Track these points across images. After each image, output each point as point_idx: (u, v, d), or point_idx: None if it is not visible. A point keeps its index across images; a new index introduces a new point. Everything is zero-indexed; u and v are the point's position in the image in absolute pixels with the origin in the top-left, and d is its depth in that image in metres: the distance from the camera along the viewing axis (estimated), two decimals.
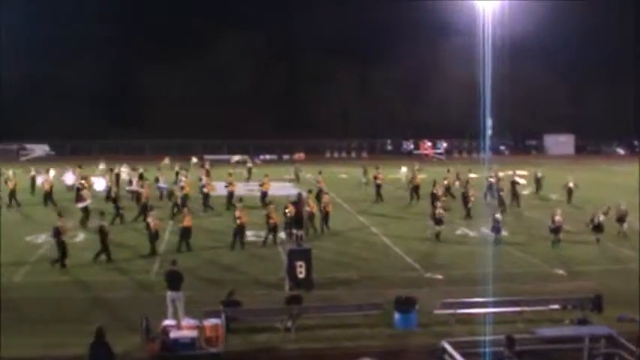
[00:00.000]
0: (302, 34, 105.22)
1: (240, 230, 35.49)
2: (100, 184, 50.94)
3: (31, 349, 21.30)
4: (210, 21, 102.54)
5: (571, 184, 50.38)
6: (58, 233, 31.11)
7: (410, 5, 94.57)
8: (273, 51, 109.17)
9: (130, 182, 49.02)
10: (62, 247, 31.08)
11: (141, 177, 52.07)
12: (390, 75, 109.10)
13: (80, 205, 41.39)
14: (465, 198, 44.97)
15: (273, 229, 36.21)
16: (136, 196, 45.11)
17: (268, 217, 36.17)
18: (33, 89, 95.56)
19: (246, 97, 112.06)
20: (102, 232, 32.26)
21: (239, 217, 35.54)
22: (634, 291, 26.93)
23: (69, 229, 32.66)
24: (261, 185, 48.43)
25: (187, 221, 35.20)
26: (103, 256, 32.05)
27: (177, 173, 52.14)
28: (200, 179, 49.01)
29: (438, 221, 37.36)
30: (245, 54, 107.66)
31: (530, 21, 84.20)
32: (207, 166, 59.76)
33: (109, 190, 49.34)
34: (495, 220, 36.21)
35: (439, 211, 37.65)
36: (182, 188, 45.07)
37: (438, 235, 37.28)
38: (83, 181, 47.90)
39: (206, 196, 46.05)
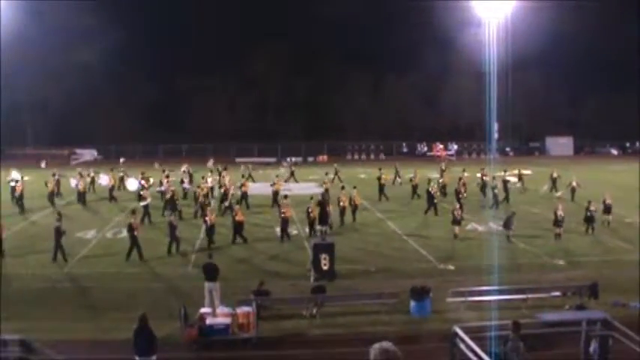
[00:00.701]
0: (324, 46, 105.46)
1: (284, 223, 35.89)
2: (132, 184, 50.94)
3: (85, 332, 21.59)
4: (242, 35, 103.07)
5: (574, 184, 49.86)
6: (131, 229, 31.54)
7: (423, 22, 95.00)
8: (298, 62, 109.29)
9: (161, 183, 48.91)
10: (134, 241, 31.45)
11: (191, 178, 53.16)
12: (405, 83, 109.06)
13: (142, 203, 41.71)
14: (458, 194, 45.49)
15: (312, 223, 36.45)
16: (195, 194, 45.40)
17: (309, 212, 36.45)
18: (83, 100, 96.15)
19: (274, 104, 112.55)
20: (171, 226, 32.75)
21: (284, 212, 36.11)
22: (626, 279, 26.98)
23: (138, 224, 32.93)
24: (272, 185, 48.37)
25: (240, 216, 35.51)
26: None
27: (220, 174, 51.81)
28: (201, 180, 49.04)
29: (456, 221, 36.95)
30: (273, 65, 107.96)
31: (532, 34, 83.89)
32: (250, 168, 60.47)
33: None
34: (509, 219, 35.71)
35: (458, 212, 37.26)
36: (200, 188, 44.71)
37: (455, 235, 36.46)
38: (143, 182, 48.07)
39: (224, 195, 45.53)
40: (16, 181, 47.76)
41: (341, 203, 40.12)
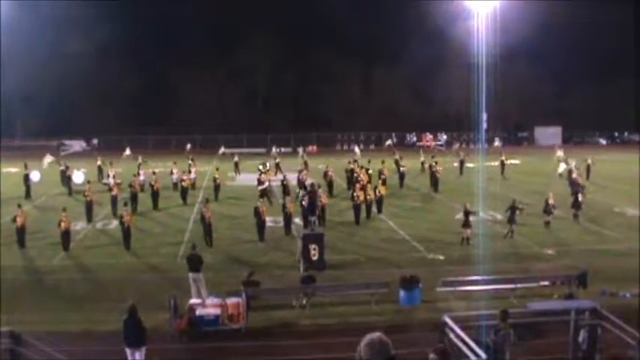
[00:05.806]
0: (314, 37, 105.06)
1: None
2: (78, 177, 49.33)
3: (74, 324, 21.49)
4: (232, 25, 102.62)
5: (579, 179, 48.55)
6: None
7: (412, 13, 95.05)
8: (287, 52, 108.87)
9: (108, 176, 47.97)
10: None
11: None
12: (395, 74, 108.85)
13: (260, 187, 43.25)
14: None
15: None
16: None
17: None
18: (72, 90, 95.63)
19: (263, 94, 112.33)
20: (257, 213, 33.16)
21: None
22: (615, 268, 27.06)
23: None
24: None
25: (292, 207, 35.40)
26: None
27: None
28: (171, 172, 49.81)
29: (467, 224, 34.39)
30: (262, 56, 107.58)
31: (521, 25, 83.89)
32: (236, 158, 60.52)
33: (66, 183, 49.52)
34: (512, 213, 34.85)
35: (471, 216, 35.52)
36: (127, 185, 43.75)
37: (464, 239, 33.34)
38: (261, 167, 48.99)
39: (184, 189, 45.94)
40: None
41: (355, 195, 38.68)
